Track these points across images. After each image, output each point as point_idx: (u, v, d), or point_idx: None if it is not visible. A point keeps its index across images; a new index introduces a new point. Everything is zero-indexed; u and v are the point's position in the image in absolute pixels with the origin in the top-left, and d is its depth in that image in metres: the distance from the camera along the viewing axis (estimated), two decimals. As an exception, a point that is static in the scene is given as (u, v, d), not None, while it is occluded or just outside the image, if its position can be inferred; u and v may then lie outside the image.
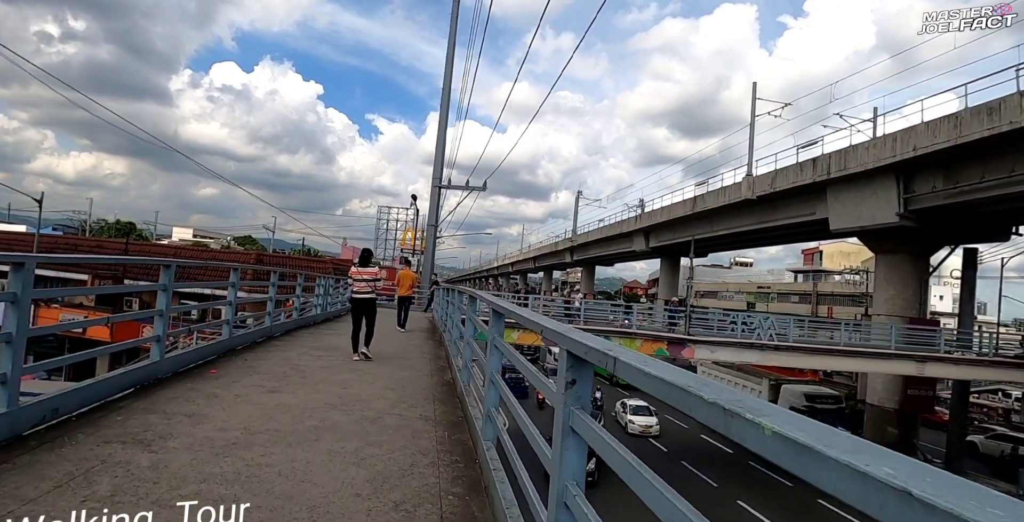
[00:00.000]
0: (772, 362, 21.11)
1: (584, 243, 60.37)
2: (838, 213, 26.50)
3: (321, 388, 5.34)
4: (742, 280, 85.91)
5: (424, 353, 8.68)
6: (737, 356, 20.58)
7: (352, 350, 7.57)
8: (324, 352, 7.68)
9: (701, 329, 21.36)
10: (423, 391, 5.68)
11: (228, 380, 5.38)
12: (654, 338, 20.03)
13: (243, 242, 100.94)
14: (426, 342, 10.41)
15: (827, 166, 26.10)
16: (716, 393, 1.07)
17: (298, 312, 10.72)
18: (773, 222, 31.79)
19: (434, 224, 25.55)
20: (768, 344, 19.91)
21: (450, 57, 25.29)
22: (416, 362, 7.69)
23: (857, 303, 56.28)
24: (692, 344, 19.86)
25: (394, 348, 9.14)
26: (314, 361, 6.87)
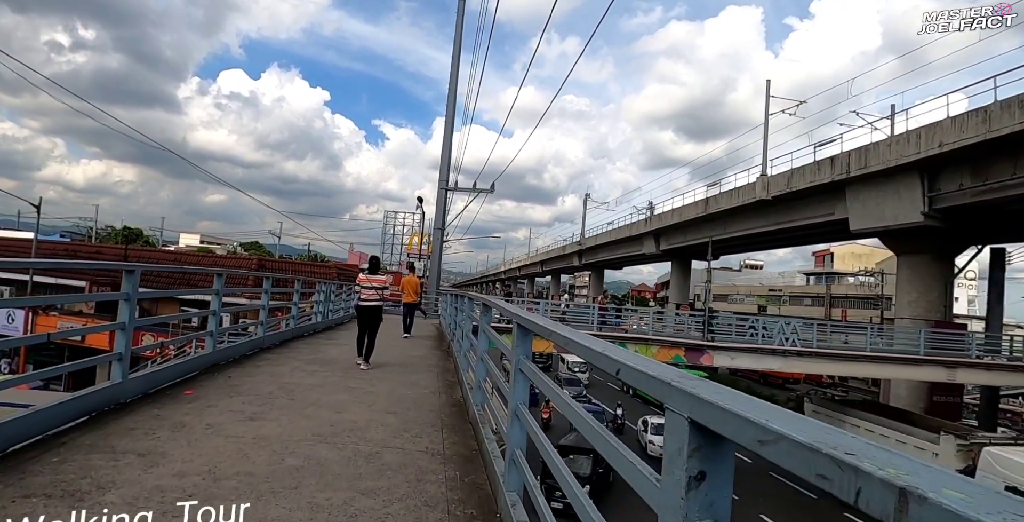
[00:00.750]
0: (795, 369, 20.23)
1: (593, 246, 59.58)
2: (859, 213, 25.59)
3: (311, 413, 4.57)
4: (753, 283, 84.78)
5: (431, 365, 7.91)
6: (758, 363, 19.70)
7: (357, 353, 7.54)
8: (319, 366, 6.91)
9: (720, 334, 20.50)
10: (429, 414, 4.90)
11: (203, 404, 4.62)
12: (671, 344, 19.18)
13: (250, 248, 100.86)
14: (433, 352, 9.64)
15: (846, 164, 25.23)
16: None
17: (295, 321, 9.96)
18: (789, 223, 30.88)
19: (441, 227, 24.83)
20: (790, 350, 19.02)
21: (455, 61, 24.68)
22: (422, 376, 6.92)
23: (872, 305, 55.20)
24: (711, 350, 18.99)
25: (399, 358, 8.39)
26: (307, 377, 6.10)
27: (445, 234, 27.40)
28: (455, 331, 9.36)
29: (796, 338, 19.23)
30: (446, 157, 25.05)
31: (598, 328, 20.13)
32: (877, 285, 55.24)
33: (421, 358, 8.74)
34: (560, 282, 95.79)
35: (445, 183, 25.05)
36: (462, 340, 7.21)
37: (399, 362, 8.03)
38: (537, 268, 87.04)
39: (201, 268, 19.50)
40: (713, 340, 19.30)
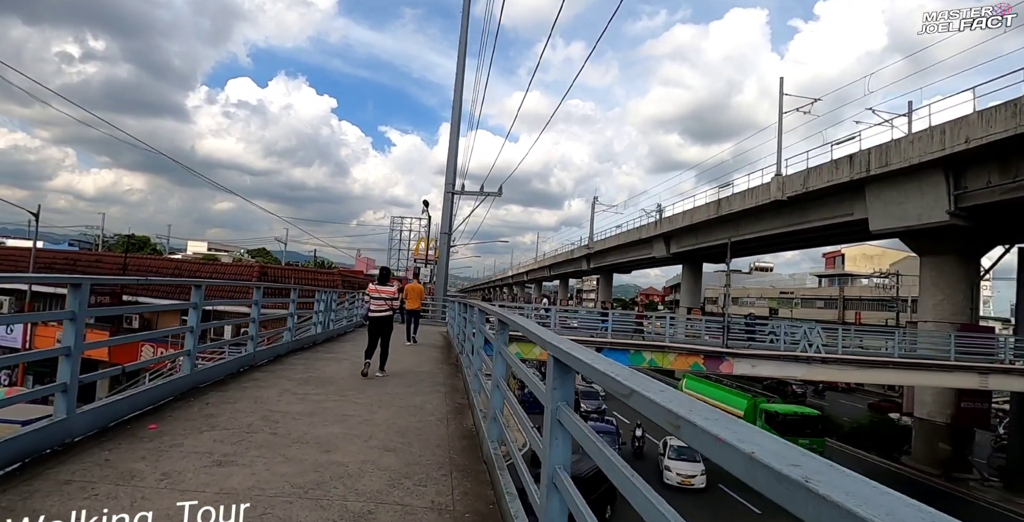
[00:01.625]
0: (819, 376, 19.31)
1: (601, 250, 58.77)
2: (879, 213, 24.71)
3: (294, 453, 3.81)
4: (763, 285, 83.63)
5: (437, 383, 7.15)
6: (780, 370, 18.80)
7: (364, 357, 7.55)
8: (313, 388, 6.14)
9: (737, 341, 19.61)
10: (436, 451, 4.13)
11: (166, 442, 3.87)
12: (688, 352, 18.32)
13: (257, 255, 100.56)
14: (440, 367, 8.88)
15: (866, 163, 24.37)
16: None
17: (291, 333, 9.22)
18: (805, 224, 29.99)
19: (447, 232, 24.12)
20: (814, 356, 18.11)
21: (461, 65, 24.11)
22: (428, 397, 6.15)
23: (888, 308, 54.08)
24: (731, 358, 18.13)
25: (404, 375, 7.65)
26: (296, 403, 5.33)
27: (452, 239, 26.68)
28: (464, 344, 8.61)
29: (820, 344, 18.35)
30: (452, 161, 24.41)
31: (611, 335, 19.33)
32: (892, 287, 54.09)
33: (428, 374, 7.98)
34: (568, 286, 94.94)
35: (452, 187, 24.36)
36: (472, 355, 6.46)
37: (403, 379, 7.28)
38: (545, 272, 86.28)
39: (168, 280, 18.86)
40: (728, 346, 18.44)
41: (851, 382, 28.67)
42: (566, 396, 2.11)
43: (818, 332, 18.59)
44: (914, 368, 19.17)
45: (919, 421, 25.24)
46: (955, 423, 23.62)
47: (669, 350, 18.31)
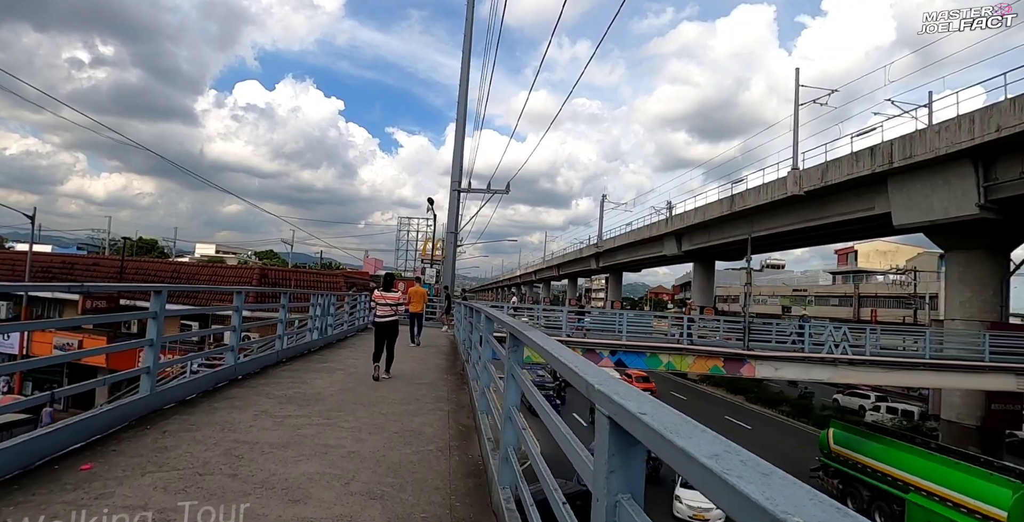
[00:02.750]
0: (847, 379, 18.34)
1: (611, 249, 57.88)
2: (903, 207, 23.70)
3: (253, 505, 2.97)
4: (775, 283, 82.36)
5: (439, 398, 6.33)
6: (805, 373, 17.84)
7: (372, 361, 7.75)
8: (296, 408, 5.32)
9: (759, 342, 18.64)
10: (434, 495, 3.30)
11: (92, 492, 3.06)
12: (707, 354, 17.41)
13: (264, 257, 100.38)
14: (444, 377, 8.06)
15: (889, 155, 23.37)
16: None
17: (282, 341, 8.42)
18: (823, 220, 28.98)
19: (454, 231, 23.33)
20: (841, 358, 17.16)
21: (465, 65, 23.39)
22: (427, 417, 5.32)
23: (905, 305, 52.86)
24: (752, 360, 17.21)
25: (403, 385, 6.86)
26: (270, 430, 4.49)
27: (459, 238, 25.91)
28: (469, 351, 7.81)
29: (847, 345, 17.38)
30: (458, 158, 23.64)
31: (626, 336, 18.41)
32: (910, 283, 52.82)
33: (430, 386, 7.17)
34: (577, 285, 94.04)
35: (458, 184, 23.59)
36: (478, 367, 5.64)
37: (402, 393, 6.48)
38: (553, 272, 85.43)
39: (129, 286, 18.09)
40: (749, 348, 17.50)
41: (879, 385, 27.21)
42: (631, 482, 1.27)
43: (844, 333, 17.62)
44: (946, 370, 18.15)
45: (947, 424, 24.18)
46: (985, 426, 22.60)
47: (687, 352, 17.41)
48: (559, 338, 17.74)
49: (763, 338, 18.34)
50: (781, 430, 31.67)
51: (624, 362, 17.47)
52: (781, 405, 36.68)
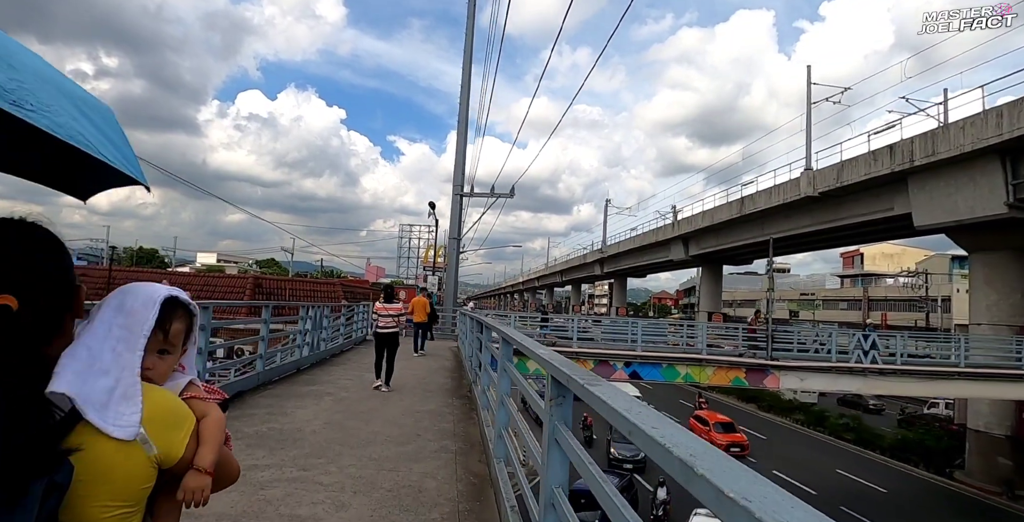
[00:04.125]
0: (877, 390, 17.25)
1: (615, 254, 56.88)
2: (924, 207, 22.70)
3: None
4: (782, 287, 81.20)
5: (445, 435, 5.31)
6: (833, 384, 16.78)
7: (375, 375, 7.86)
8: (265, 453, 4.26)
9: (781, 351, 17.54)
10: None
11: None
12: (728, 365, 16.36)
13: (266, 265, 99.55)
14: (449, 402, 7.04)
15: (909, 153, 22.39)
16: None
17: (263, 361, 7.40)
18: (838, 221, 27.98)
19: (456, 237, 22.36)
20: (871, 368, 16.10)
21: (467, 69, 22.59)
22: (430, 464, 4.30)
23: (917, 308, 51.76)
24: (776, 371, 16.16)
25: (401, 416, 5.86)
26: (223, 493, 3.49)
27: (461, 245, 24.93)
28: (479, 374, 6.81)
29: (876, 354, 16.33)
30: (460, 161, 22.71)
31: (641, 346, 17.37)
32: (921, 286, 51.71)
33: (432, 415, 6.14)
34: (580, 291, 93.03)
35: (460, 188, 22.64)
36: (495, 404, 4.64)
37: (401, 427, 5.46)
38: (556, 278, 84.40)
39: None
40: (773, 358, 16.44)
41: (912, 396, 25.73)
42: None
43: (873, 340, 16.57)
44: (983, 379, 17.07)
45: (974, 433, 23.05)
46: (1017, 435, 21.50)
47: (706, 363, 16.37)
48: (568, 349, 16.72)
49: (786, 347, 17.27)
50: (800, 441, 30.51)
51: (639, 374, 16.44)
52: (794, 413, 35.56)
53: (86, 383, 0.94)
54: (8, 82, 0.94)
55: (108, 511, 0.93)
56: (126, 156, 1.24)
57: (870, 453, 27.73)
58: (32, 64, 1.07)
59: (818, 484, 21.95)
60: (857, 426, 30.42)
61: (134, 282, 1.17)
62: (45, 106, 0.99)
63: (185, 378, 1.24)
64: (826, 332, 18.10)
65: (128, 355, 1.03)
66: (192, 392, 1.23)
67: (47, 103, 1.01)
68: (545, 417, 2.09)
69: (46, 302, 0.95)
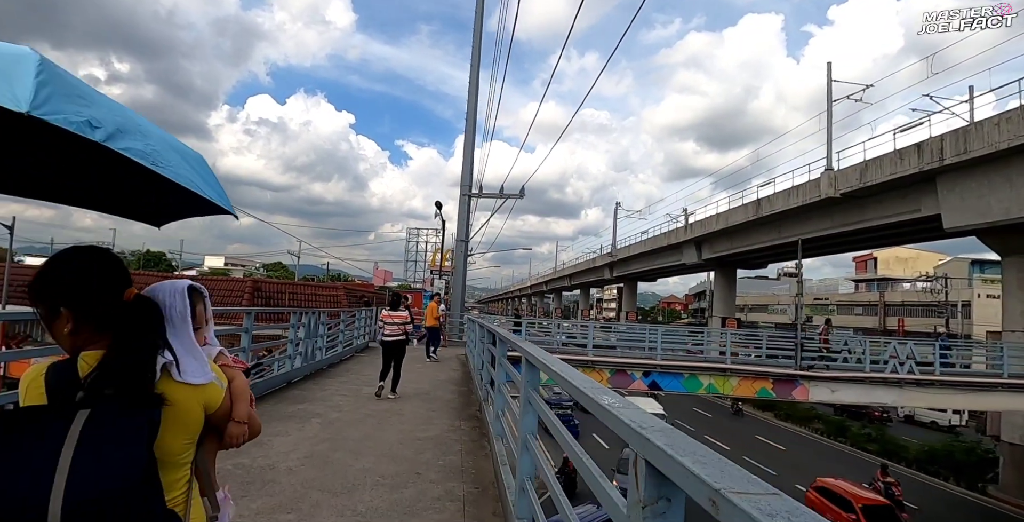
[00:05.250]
0: (914, 402, 16.17)
1: (625, 258, 55.81)
2: (955, 208, 21.60)
3: None
4: (795, 292, 79.63)
5: (450, 472, 4.39)
6: (866, 396, 15.69)
7: (379, 379, 7.86)
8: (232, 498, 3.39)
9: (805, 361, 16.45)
10: None
11: None
12: (754, 375, 15.33)
13: (273, 269, 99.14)
14: (456, 425, 6.10)
15: (939, 151, 21.31)
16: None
17: (248, 376, 6.52)
18: (861, 224, 26.88)
19: (464, 239, 21.46)
20: (907, 379, 15.02)
21: (475, 68, 21.78)
22: (428, 514, 3.38)
23: (936, 314, 50.41)
24: (805, 381, 15.12)
25: (398, 441, 4.95)
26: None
27: (469, 248, 24.03)
28: (489, 391, 5.89)
29: (913, 363, 15.25)
30: (468, 162, 21.86)
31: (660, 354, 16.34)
32: (939, 291, 50.34)
33: (436, 444, 5.21)
34: (589, 296, 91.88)
35: (468, 189, 21.75)
36: (518, 443, 3.71)
37: (396, 460, 4.55)
38: (565, 282, 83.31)
39: None
40: (803, 368, 15.37)
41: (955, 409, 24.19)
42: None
43: (910, 349, 15.48)
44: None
45: (1009, 446, 21.80)
46: (1056, 448, 20.28)
47: (731, 373, 15.34)
48: (583, 358, 15.75)
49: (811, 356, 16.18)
50: (821, 452, 29.33)
51: (659, 384, 15.43)
52: (813, 422, 34.38)
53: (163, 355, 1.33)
54: (148, 148, 1.49)
55: (180, 440, 1.34)
56: (218, 192, 1.83)
57: (895, 465, 26.52)
58: (154, 131, 1.62)
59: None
60: (880, 437, 29.19)
61: (152, 283, 1.53)
62: (168, 162, 1.55)
63: (215, 349, 1.73)
64: (856, 340, 17.00)
65: (179, 331, 1.44)
66: (222, 360, 1.71)
67: (168, 159, 1.56)
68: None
69: (101, 302, 1.30)
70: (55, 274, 1.29)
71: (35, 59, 1.29)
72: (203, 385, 1.38)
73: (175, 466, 1.33)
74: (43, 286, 1.28)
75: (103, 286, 1.31)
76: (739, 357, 16.53)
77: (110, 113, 1.46)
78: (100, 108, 1.46)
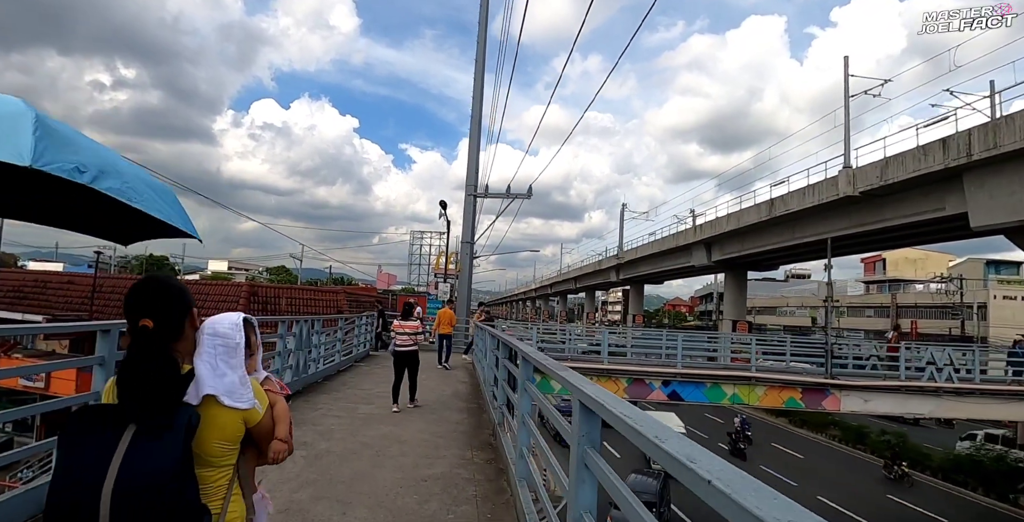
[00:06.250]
0: (953, 413, 15.13)
1: (633, 260, 54.83)
2: (983, 206, 20.60)
3: None
4: (804, 294, 78.65)
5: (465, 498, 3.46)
6: (901, 406, 14.68)
7: (392, 400, 7.62)
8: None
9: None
10: None
11: None
12: (781, 384, 14.33)
13: (276, 272, 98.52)
14: (467, 455, 5.19)
15: (966, 146, 20.32)
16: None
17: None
18: (881, 223, 25.85)
19: (470, 240, 20.57)
20: (946, 387, 14.02)
21: (480, 60, 20.98)
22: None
23: (950, 315, 49.35)
24: (836, 391, 14.14)
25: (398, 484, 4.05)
26: None
27: (474, 250, 23.11)
28: (506, 415, 4.98)
29: (951, 371, 14.24)
30: (473, 160, 20.95)
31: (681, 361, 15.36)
32: (955, 292, 49.24)
33: (443, 485, 4.29)
34: (595, 299, 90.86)
35: (474, 188, 20.87)
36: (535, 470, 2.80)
37: (393, 507, 3.65)
38: (570, 285, 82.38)
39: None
40: (833, 376, 14.38)
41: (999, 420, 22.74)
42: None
43: (948, 355, 14.47)
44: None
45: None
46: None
47: (757, 382, 14.35)
48: (599, 366, 14.80)
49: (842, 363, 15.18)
50: (840, 460, 28.26)
51: (679, 394, 14.44)
52: (829, 428, 33.33)
53: (217, 383, 1.58)
54: (124, 186, 1.86)
55: (218, 445, 1.56)
56: (183, 219, 2.35)
57: (919, 474, 25.45)
58: (130, 170, 1.97)
59: (871, 512, 19.83)
60: (902, 444, 28.08)
61: (214, 315, 1.74)
62: (141, 196, 1.94)
63: (263, 375, 1.91)
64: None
65: (235, 361, 1.66)
66: (268, 385, 1.89)
67: (142, 193, 1.94)
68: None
69: (169, 320, 1.57)
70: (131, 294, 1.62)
71: (31, 116, 1.62)
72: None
73: (214, 466, 1.56)
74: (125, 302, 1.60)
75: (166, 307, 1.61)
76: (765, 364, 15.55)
77: (95, 157, 1.85)
78: (86, 153, 1.82)
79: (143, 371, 1.42)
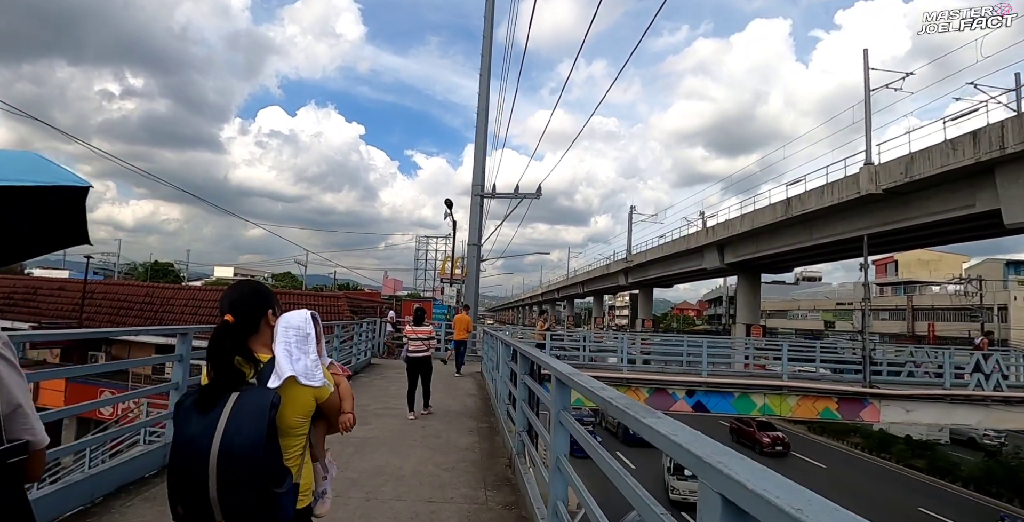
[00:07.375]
0: (1004, 423, 14.01)
1: (642, 263, 53.75)
2: (1017, 202, 19.54)
3: None
4: (816, 297, 77.35)
5: None
6: (946, 416, 13.60)
7: (408, 409, 7.63)
8: None
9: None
10: None
11: None
12: (816, 393, 13.29)
13: (281, 279, 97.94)
14: (479, 493, 4.21)
15: (999, 139, 19.30)
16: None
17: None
18: (906, 222, 24.77)
19: (476, 243, 19.64)
20: (995, 395, 12.95)
21: (486, 59, 20.15)
22: None
23: (969, 318, 48.02)
24: (875, 400, 13.08)
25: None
26: None
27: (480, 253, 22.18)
28: (525, 444, 4.01)
29: (999, 377, 13.16)
30: (480, 161, 20.07)
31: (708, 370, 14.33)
32: (974, 294, 47.95)
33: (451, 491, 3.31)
34: (603, 303, 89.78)
35: (480, 189, 19.96)
36: None
37: None
38: (578, 289, 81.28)
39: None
40: (871, 385, 13.31)
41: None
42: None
43: (996, 362, 13.39)
44: None
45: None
46: None
47: (788, 391, 13.32)
48: (618, 375, 13.79)
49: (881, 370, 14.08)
50: (865, 470, 27.03)
51: (704, 405, 13.41)
52: (851, 436, 32.12)
53: (295, 365, 1.80)
54: None
55: (296, 418, 1.83)
56: (49, 176, 1.48)
57: (949, 485, 24.24)
58: None
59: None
60: (930, 453, 26.88)
61: (288, 312, 2.00)
62: None
63: (327, 360, 2.10)
64: (934, 351, 14.87)
65: (308, 347, 1.88)
66: (333, 369, 2.14)
67: None
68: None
69: (248, 317, 1.86)
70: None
71: None
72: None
73: (293, 436, 1.83)
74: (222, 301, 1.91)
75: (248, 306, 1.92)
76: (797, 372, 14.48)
77: None
78: None
79: (215, 355, 1.72)
